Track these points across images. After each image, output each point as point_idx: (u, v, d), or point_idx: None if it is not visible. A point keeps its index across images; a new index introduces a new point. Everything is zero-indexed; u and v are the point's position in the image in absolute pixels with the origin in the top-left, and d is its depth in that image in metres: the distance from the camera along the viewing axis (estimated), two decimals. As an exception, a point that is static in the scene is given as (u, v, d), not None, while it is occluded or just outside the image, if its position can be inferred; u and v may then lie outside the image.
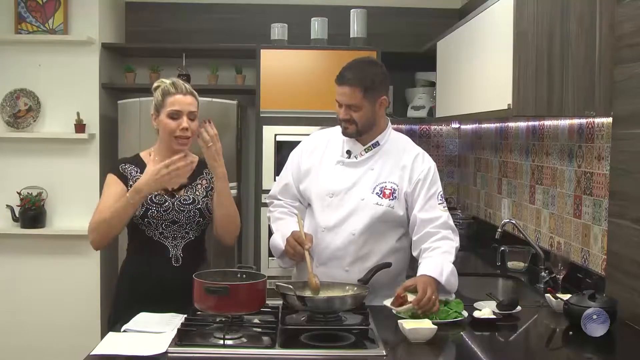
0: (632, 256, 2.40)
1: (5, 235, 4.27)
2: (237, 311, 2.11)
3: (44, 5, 4.25)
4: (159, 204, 2.49)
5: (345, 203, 2.53)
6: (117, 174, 2.53)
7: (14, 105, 4.27)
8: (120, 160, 2.62)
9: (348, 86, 2.45)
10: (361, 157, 2.57)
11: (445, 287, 2.38)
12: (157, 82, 2.59)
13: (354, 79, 2.45)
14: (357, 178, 2.55)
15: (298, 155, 2.69)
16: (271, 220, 2.69)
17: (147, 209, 2.48)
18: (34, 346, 4.27)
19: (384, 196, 2.52)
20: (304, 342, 2.04)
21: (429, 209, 2.52)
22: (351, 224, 2.52)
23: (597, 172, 2.77)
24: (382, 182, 2.54)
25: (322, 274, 2.47)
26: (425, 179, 2.54)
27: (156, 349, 1.97)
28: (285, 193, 2.69)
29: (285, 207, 2.68)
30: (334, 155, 2.61)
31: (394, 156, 2.58)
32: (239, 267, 2.36)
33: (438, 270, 2.36)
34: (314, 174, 2.61)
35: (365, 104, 2.46)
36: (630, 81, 2.44)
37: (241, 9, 4.74)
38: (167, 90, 2.50)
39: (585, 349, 2.15)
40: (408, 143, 2.65)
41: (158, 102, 2.52)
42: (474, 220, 4.36)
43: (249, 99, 4.51)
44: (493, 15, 2.98)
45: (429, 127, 4.87)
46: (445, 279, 2.36)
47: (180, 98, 2.49)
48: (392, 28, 4.70)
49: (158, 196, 2.50)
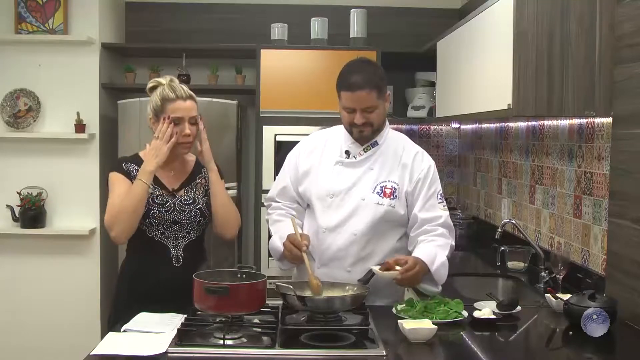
0: (632, 256, 2.40)
1: (5, 235, 4.26)
2: (237, 311, 2.11)
3: (44, 5, 4.25)
4: (160, 205, 2.50)
5: (346, 203, 2.54)
6: (122, 171, 2.53)
7: (14, 105, 4.27)
8: (122, 159, 2.62)
9: (362, 90, 2.44)
10: (360, 157, 2.57)
11: (434, 276, 2.42)
12: (152, 82, 2.57)
13: (367, 82, 2.45)
14: (357, 178, 2.55)
15: (295, 157, 2.68)
16: (270, 223, 2.69)
17: (149, 210, 2.48)
18: (34, 346, 4.27)
19: (384, 195, 2.52)
20: (304, 342, 2.04)
21: (430, 208, 2.53)
22: (352, 225, 2.52)
23: (597, 172, 2.77)
24: (382, 181, 2.54)
25: (323, 274, 2.47)
26: (425, 178, 2.55)
27: (156, 349, 1.97)
28: (283, 195, 2.69)
29: (284, 209, 2.67)
30: (333, 156, 2.61)
31: (393, 155, 2.58)
32: (239, 267, 2.37)
33: (430, 259, 2.41)
34: (313, 175, 2.61)
35: (380, 104, 2.50)
36: (630, 81, 2.44)
37: (241, 9, 4.74)
38: (167, 95, 2.50)
39: (585, 349, 2.15)
40: (407, 142, 2.66)
41: (157, 106, 2.51)
42: (474, 220, 4.36)
43: (249, 99, 4.51)
44: (493, 15, 2.98)
45: (429, 127, 4.87)
46: (435, 268, 2.41)
47: (181, 104, 2.50)
48: (392, 28, 4.70)
49: (160, 197, 2.51)
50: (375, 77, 2.48)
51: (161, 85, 2.55)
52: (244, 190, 4.59)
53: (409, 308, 2.33)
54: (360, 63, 2.56)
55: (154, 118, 2.54)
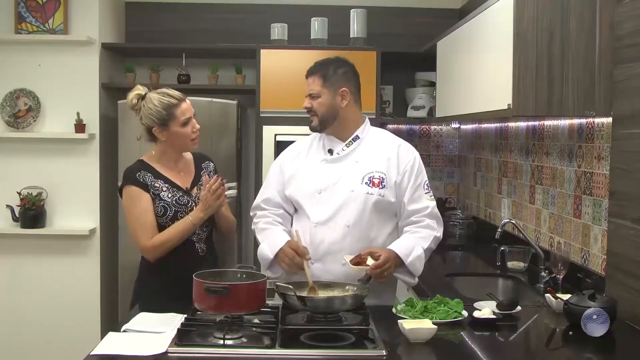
0: (632, 256, 2.41)
1: (5, 235, 4.26)
2: (237, 311, 2.11)
3: (44, 5, 4.25)
4: (184, 205, 2.65)
5: (335, 196, 2.55)
6: (137, 183, 2.64)
7: (14, 105, 4.27)
8: (132, 170, 2.69)
9: (310, 76, 2.61)
10: (343, 152, 2.61)
11: (409, 268, 2.49)
12: (134, 94, 2.67)
13: (315, 69, 2.61)
14: (343, 172, 2.58)
15: (279, 165, 2.72)
16: (256, 231, 2.69)
17: (177, 212, 2.64)
18: (34, 346, 4.27)
19: (373, 185, 2.55)
20: (304, 342, 2.04)
21: (417, 199, 2.59)
22: (344, 216, 2.53)
23: (597, 172, 2.77)
24: (370, 172, 2.57)
25: (318, 270, 2.49)
26: (412, 169, 2.60)
27: (156, 349, 1.97)
28: (268, 202, 2.70)
29: (270, 216, 2.67)
30: (317, 156, 2.65)
31: (376, 148, 2.62)
32: (239, 267, 2.37)
33: (406, 252, 2.48)
34: (300, 177, 2.64)
35: (324, 92, 2.57)
36: (630, 81, 2.44)
37: (241, 9, 4.74)
38: (169, 102, 2.62)
39: (585, 349, 2.15)
40: (388, 135, 2.72)
41: (162, 115, 2.61)
42: (474, 220, 4.36)
43: (249, 99, 4.50)
44: (493, 15, 2.98)
45: (429, 127, 4.86)
46: (410, 260, 2.48)
47: (185, 105, 2.66)
48: (392, 28, 4.70)
49: (181, 198, 2.66)
50: (327, 68, 2.59)
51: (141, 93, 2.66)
52: (243, 190, 4.58)
53: (409, 308, 2.33)
54: (328, 57, 2.67)
55: (160, 127, 2.64)
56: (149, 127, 2.65)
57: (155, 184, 2.64)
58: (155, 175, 2.66)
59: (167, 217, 2.62)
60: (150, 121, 2.62)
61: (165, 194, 2.63)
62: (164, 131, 2.63)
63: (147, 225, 2.60)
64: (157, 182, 2.64)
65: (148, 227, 2.60)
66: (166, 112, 2.60)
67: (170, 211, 2.62)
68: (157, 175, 2.66)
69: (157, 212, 2.62)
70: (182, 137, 2.65)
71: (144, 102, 2.64)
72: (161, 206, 2.62)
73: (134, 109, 2.67)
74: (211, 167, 2.82)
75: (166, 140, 2.66)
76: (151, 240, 2.60)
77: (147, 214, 2.60)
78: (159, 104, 2.60)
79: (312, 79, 2.60)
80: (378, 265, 2.39)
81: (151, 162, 2.69)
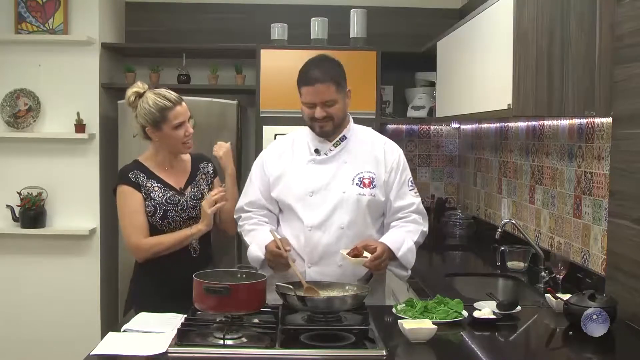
0: (632, 256, 2.40)
1: (5, 235, 4.26)
2: (237, 311, 2.11)
3: (44, 5, 4.25)
4: (174, 204, 2.64)
5: (328, 199, 2.53)
6: (130, 183, 2.64)
7: (14, 105, 4.27)
8: (126, 169, 2.70)
9: (322, 84, 2.48)
10: (331, 152, 2.58)
11: (401, 261, 2.50)
12: (133, 91, 2.66)
13: (326, 76, 2.48)
14: (333, 173, 2.56)
15: (261, 166, 2.66)
16: (243, 234, 2.66)
17: (166, 211, 2.63)
18: (34, 346, 4.27)
19: (364, 186, 2.55)
20: (304, 342, 2.04)
21: (402, 195, 2.60)
22: (338, 218, 2.52)
23: (597, 172, 2.77)
24: (359, 172, 2.56)
25: (315, 273, 2.48)
26: (397, 167, 2.61)
27: (156, 349, 1.97)
28: (252, 204, 2.66)
29: (254, 217, 2.64)
30: (304, 156, 2.60)
31: (363, 148, 2.61)
32: (239, 267, 2.37)
33: (397, 245, 2.48)
34: (287, 178, 2.59)
35: (339, 98, 2.52)
36: (630, 81, 2.44)
37: (241, 9, 4.74)
38: (164, 105, 2.61)
39: (585, 349, 2.15)
40: (372, 133, 2.71)
41: (155, 117, 2.61)
42: (474, 220, 4.36)
43: (249, 99, 4.50)
44: (493, 15, 2.98)
45: (429, 127, 4.86)
46: (401, 253, 2.49)
47: (180, 109, 2.65)
48: (392, 28, 4.70)
49: (172, 197, 2.65)
50: (334, 71, 2.52)
51: (140, 91, 2.65)
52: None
53: (409, 308, 2.33)
54: (320, 58, 2.59)
55: (152, 128, 2.64)
56: (143, 126, 2.66)
57: (147, 184, 2.64)
58: (148, 175, 2.66)
59: (157, 216, 2.62)
60: (144, 121, 2.64)
61: (156, 193, 2.63)
62: (157, 132, 2.63)
63: (138, 225, 2.60)
64: (150, 182, 2.65)
65: (138, 226, 2.60)
66: (159, 114, 2.60)
67: (160, 210, 2.62)
68: (150, 175, 2.66)
69: (147, 211, 2.62)
70: (174, 139, 2.64)
71: (140, 100, 2.64)
72: (151, 205, 2.62)
73: (130, 106, 2.67)
74: (210, 169, 2.81)
75: (158, 141, 2.67)
76: (142, 241, 2.60)
77: (138, 213, 2.61)
78: (154, 105, 2.60)
79: (325, 86, 2.46)
80: (377, 256, 2.39)
81: (146, 162, 2.71)
